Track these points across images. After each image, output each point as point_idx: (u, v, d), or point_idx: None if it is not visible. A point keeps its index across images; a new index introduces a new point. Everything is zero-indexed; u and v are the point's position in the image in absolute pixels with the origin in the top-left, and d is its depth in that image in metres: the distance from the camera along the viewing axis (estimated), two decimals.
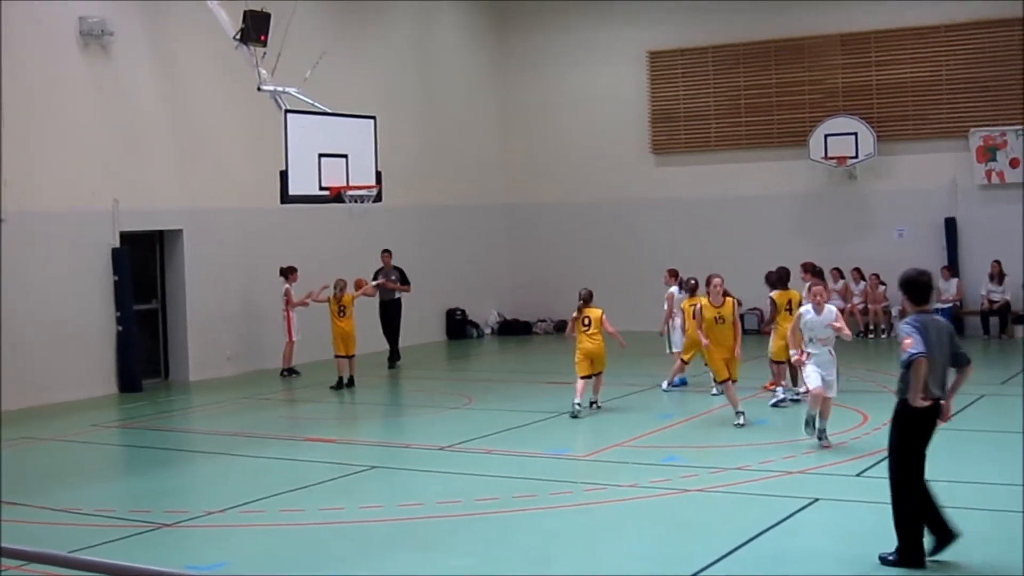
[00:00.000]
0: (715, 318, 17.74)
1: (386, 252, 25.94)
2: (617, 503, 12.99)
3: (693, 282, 20.30)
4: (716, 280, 17.97)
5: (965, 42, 28.30)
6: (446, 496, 13.39)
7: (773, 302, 19.61)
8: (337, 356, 22.56)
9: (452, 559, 10.99)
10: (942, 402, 10.19)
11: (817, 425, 15.46)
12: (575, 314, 19.19)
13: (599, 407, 19.15)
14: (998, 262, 27.36)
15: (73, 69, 22.13)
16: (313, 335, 24.91)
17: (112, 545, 11.59)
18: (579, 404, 18.59)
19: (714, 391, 19.89)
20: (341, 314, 22.65)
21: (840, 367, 16.11)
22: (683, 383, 21.03)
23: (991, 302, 27.41)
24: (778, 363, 19.40)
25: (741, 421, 17.26)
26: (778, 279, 19.81)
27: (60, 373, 21.61)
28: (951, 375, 10.45)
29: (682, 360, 20.61)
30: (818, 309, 15.79)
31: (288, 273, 24.54)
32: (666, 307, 21.43)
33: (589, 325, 18.99)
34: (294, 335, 24.54)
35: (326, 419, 19.80)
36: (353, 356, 22.57)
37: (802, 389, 19.24)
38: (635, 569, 10.54)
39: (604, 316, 19.09)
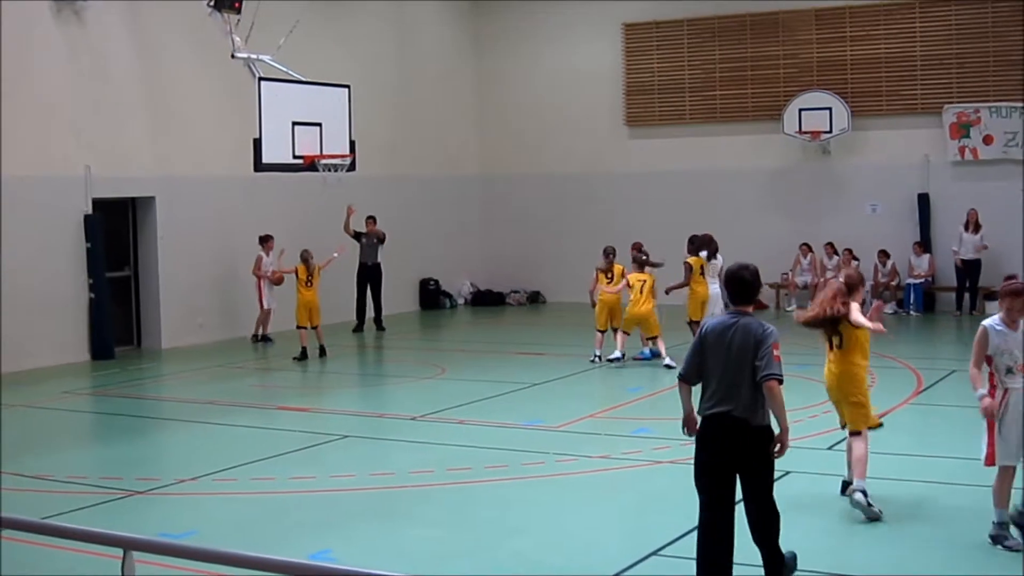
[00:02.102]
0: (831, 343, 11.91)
1: (370, 219, 26.08)
2: (588, 474, 13.04)
3: (644, 256, 21.28)
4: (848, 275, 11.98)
5: (939, 18, 28.34)
6: (418, 466, 13.42)
7: (689, 266, 20.87)
8: (299, 327, 22.42)
9: (423, 529, 11.03)
10: (756, 425, 8.70)
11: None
12: (601, 268, 21.29)
13: (611, 361, 20.67)
14: (975, 211, 27.15)
15: (45, 35, 21.96)
16: (287, 304, 24.90)
17: (84, 512, 11.60)
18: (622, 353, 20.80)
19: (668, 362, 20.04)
20: (308, 284, 22.53)
21: (811, 340, 15.92)
22: (648, 356, 21.12)
23: (964, 262, 27.11)
24: (695, 323, 20.30)
25: (867, 503, 10.97)
26: (701, 244, 21.07)
27: (32, 340, 21.52)
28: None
29: (625, 333, 21.04)
30: (1010, 323, 10.18)
31: (263, 241, 24.53)
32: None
33: (612, 279, 21.14)
34: (265, 303, 24.49)
35: (299, 388, 19.81)
36: (318, 326, 22.45)
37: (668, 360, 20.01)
38: (606, 540, 10.60)
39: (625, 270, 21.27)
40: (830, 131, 28.74)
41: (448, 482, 12.70)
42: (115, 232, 23.78)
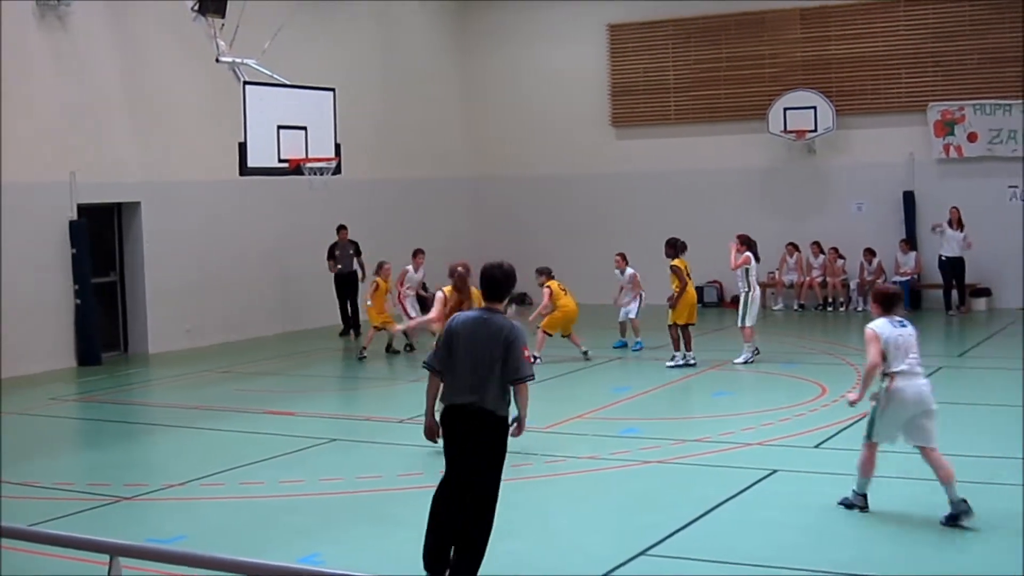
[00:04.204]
0: None
1: (342, 228, 25.88)
2: (577, 475, 13.04)
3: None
4: None
5: (924, 17, 28.40)
6: (406, 468, 13.42)
7: (679, 269, 20.52)
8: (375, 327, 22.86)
9: (411, 531, 11.00)
10: (501, 415, 9.23)
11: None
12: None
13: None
14: (956, 208, 27.09)
15: (30, 40, 21.91)
16: (268, 305, 24.84)
17: (72, 518, 11.58)
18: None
19: (669, 363, 20.14)
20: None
21: (799, 339, 15.96)
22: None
23: (948, 259, 26.98)
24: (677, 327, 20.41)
25: None
26: (683, 247, 20.74)
27: (18, 346, 21.45)
28: None
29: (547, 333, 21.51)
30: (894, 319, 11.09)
31: (413, 255, 24.11)
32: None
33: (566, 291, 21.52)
34: (412, 313, 23.54)
35: (286, 392, 19.74)
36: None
37: (681, 357, 20.17)
38: (594, 541, 10.60)
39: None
40: (815, 130, 28.79)
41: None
42: (101, 237, 23.72)
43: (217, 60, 20.71)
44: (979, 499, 11.37)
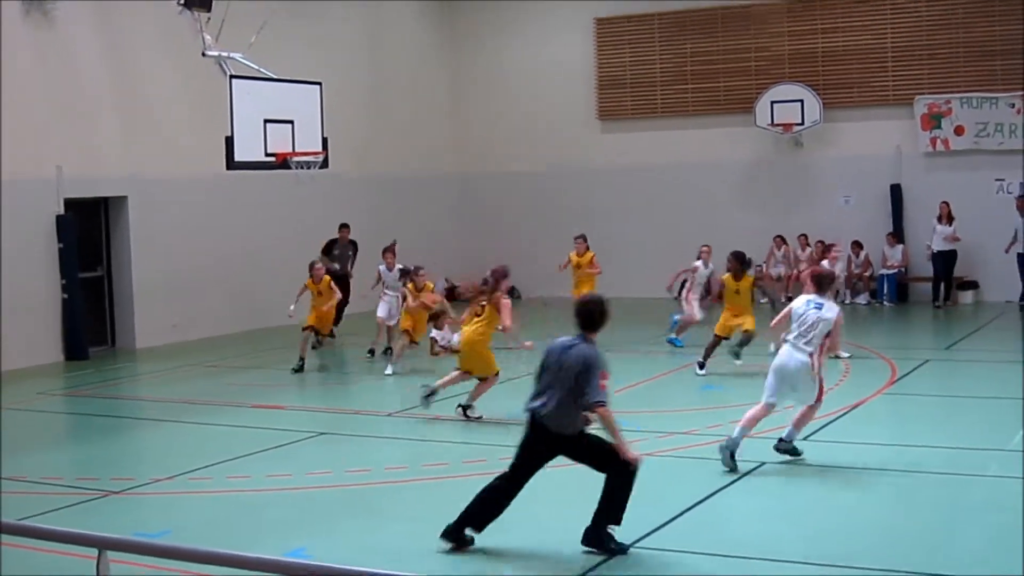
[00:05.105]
0: None
1: (344, 227, 25.33)
2: (566, 468, 12.99)
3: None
4: None
5: (910, 10, 28.43)
6: (393, 462, 13.43)
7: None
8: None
9: (398, 524, 11.04)
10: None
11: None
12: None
13: None
14: (947, 203, 27.26)
15: (15, 36, 21.83)
16: (255, 300, 24.82)
17: (59, 513, 11.56)
18: None
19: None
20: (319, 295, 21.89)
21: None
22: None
23: (938, 253, 27.05)
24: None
25: None
26: (750, 263, 20.28)
27: (5, 341, 21.38)
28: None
29: None
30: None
31: (383, 253, 23.06)
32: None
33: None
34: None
35: (273, 386, 19.72)
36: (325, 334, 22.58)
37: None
38: (581, 534, 10.59)
39: None
40: (802, 123, 28.81)
41: (424, 478, 12.70)
42: (87, 232, 23.68)
43: (203, 54, 20.62)
44: (968, 491, 11.42)
